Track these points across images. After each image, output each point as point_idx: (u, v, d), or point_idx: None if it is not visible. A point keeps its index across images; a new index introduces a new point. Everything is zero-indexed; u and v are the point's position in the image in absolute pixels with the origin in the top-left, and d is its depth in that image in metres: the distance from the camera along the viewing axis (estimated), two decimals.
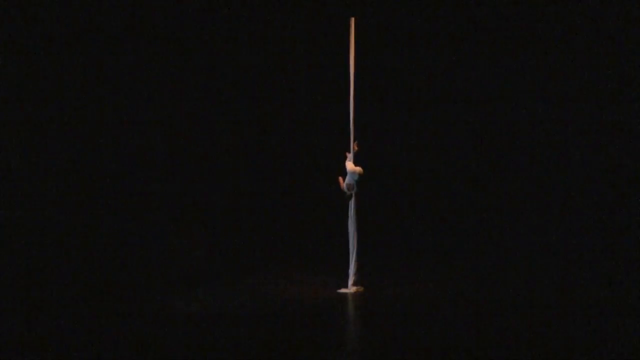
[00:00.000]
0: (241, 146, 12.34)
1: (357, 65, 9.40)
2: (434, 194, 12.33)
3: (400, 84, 12.29)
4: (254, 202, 12.39)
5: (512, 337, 6.81)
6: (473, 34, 11.85)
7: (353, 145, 9.41)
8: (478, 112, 12.11)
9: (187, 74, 11.87)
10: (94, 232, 10.90)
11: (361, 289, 9.22)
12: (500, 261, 11.18)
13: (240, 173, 12.33)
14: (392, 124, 12.38)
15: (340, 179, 9.35)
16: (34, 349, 6.43)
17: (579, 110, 11.51)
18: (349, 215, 9.28)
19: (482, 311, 8.09)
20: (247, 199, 12.36)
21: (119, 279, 9.86)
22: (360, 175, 9.28)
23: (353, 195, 9.26)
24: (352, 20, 9.46)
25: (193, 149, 12.05)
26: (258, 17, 11.89)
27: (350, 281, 9.23)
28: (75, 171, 11.05)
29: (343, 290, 9.17)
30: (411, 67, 12.20)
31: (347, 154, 9.42)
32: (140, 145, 11.58)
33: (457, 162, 12.24)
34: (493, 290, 9.30)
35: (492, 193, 12.06)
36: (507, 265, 10.95)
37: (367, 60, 10.20)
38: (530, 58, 11.74)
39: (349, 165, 9.34)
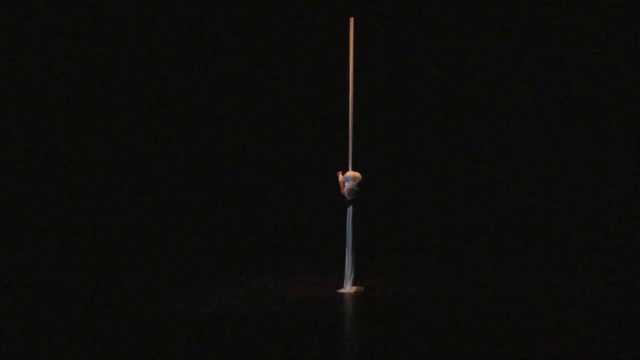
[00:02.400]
0: (240, 147, 12.34)
1: (356, 65, 9.40)
2: (434, 194, 12.32)
3: (400, 85, 12.28)
4: (253, 202, 12.39)
5: (511, 337, 6.82)
6: (473, 34, 11.84)
7: (338, 173, 9.38)
8: (478, 111, 12.10)
9: (185, 74, 11.87)
10: (95, 231, 10.91)
11: (361, 288, 9.22)
12: (500, 260, 11.18)
13: (241, 173, 12.33)
14: (392, 124, 12.37)
15: (341, 182, 9.27)
16: (34, 349, 6.43)
17: (578, 112, 11.52)
18: (347, 220, 9.25)
19: (481, 311, 8.09)
20: (247, 199, 12.36)
21: (120, 278, 9.88)
22: (359, 180, 9.23)
23: (353, 200, 9.23)
24: (352, 20, 9.46)
25: (194, 149, 12.05)
26: (257, 17, 11.90)
27: (349, 282, 9.22)
28: (75, 170, 11.05)
29: (343, 290, 9.17)
30: (411, 67, 12.20)
31: (339, 173, 9.36)
32: (142, 145, 11.58)
33: (457, 162, 12.24)
34: (493, 290, 9.30)
35: (492, 192, 12.06)
36: (506, 264, 10.95)
37: (366, 60, 10.20)
38: (531, 58, 11.73)
39: (348, 172, 9.29)
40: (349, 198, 9.22)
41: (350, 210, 9.23)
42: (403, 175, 12.34)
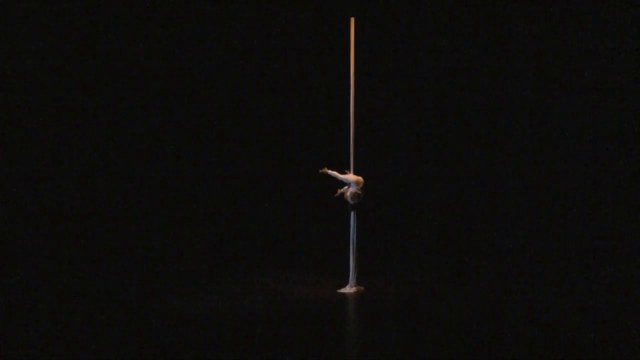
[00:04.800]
0: (241, 146, 12.32)
1: (357, 65, 9.39)
2: (434, 194, 12.31)
3: (400, 84, 12.28)
4: (254, 202, 12.38)
5: (511, 338, 6.82)
6: (474, 34, 11.83)
7: (325, 170, 9.35)
8: (478, 112, 12.09)
9: (184, 74, 11.85)
10: (94, 230, 10.91)
11: (361, 289, 9.23)
12: (500, 261, 11.19)
13: (241, 173, 12.32)
14: (392, 125, 12.36)
15: (343, 178, 9.24)
16: (35, 349, 6.43)
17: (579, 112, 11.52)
18: (351, 223, 9.23)
19: (482, 311, 8.10)
20: (248, 198, 12.35)
21: (119, 278, 9.87)
22: (362, 184, 9.20)
23: (356, 205, 9.20)
24: (352, 20, 9.45)
25: (194, 149, 12.04)
26: (257, 17, 11.88)
27: (350, 282, 9.23)
28: (74, 169, 11.04)
29: (343, 290, 9.17)
30: (412, 67, 12.18)
31: (327, 171, 9.34)
32: (142, 145, 11.56)
33: (458, 163, 12.22)
34: (493, 291, 9.31)
35: (492, 193, 12.05)
36: (507, 265, 10.95)
37: (367, 60, 10.19)
38: (533, 59, 11.71)
39: (350, 176, 9.26)
40: (352, 202, 9.20)
41: (354, 214, 9.21)
42: (404, 176, 12.32)
